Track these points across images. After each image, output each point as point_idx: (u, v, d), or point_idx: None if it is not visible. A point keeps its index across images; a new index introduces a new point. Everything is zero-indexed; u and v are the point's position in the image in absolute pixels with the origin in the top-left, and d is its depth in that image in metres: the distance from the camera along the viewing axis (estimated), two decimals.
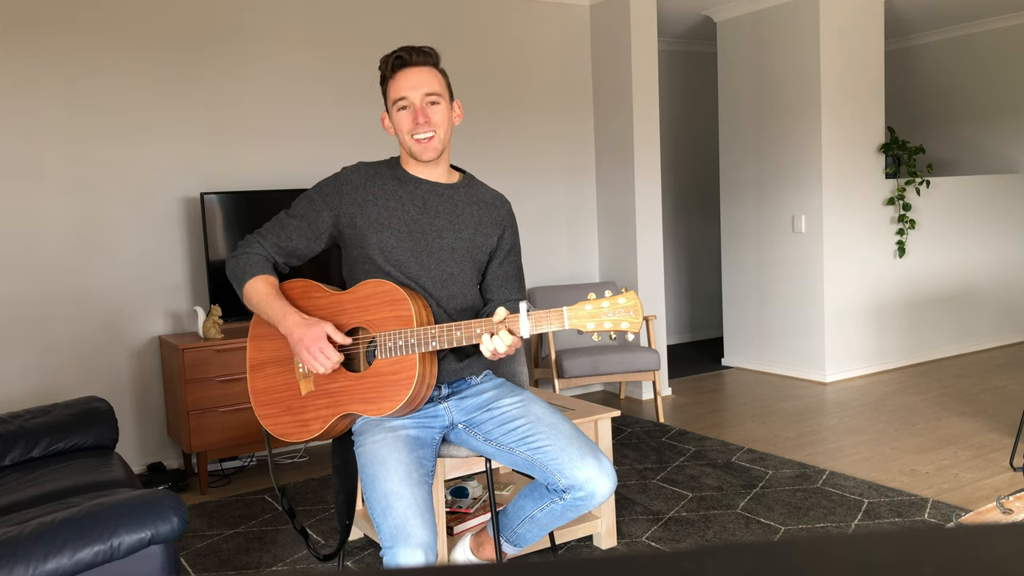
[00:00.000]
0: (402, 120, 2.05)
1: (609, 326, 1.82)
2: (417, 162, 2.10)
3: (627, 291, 1.83)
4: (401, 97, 2.04)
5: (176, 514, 1.88)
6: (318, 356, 1.93)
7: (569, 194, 5.31)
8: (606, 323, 1.82)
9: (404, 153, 2.13)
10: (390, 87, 2.07)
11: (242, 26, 4.21)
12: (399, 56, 2.05)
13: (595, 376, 4.55)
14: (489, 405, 2.12)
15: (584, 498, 1.99)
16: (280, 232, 2.11)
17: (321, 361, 1.94)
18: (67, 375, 3.86)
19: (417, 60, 2.05)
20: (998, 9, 6.21)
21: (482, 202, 2.17)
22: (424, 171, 2.12)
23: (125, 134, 3.96)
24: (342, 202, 2.08)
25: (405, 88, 2.04)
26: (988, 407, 4.62)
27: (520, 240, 5.14)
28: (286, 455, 4.26)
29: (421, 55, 2.06)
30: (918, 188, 5.66)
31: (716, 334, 7.19)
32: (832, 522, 3.09)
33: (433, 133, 2.04)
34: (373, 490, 1.89)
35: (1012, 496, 1.76)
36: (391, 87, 2.06)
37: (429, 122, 2.04)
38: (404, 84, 2.04)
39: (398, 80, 2.05)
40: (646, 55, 5.08)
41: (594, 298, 1.83)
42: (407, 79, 2.04)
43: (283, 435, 2.06)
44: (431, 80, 2.05)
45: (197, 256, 4.12)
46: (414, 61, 2.05)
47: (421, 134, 2.03)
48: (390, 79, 2.06)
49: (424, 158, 2.06)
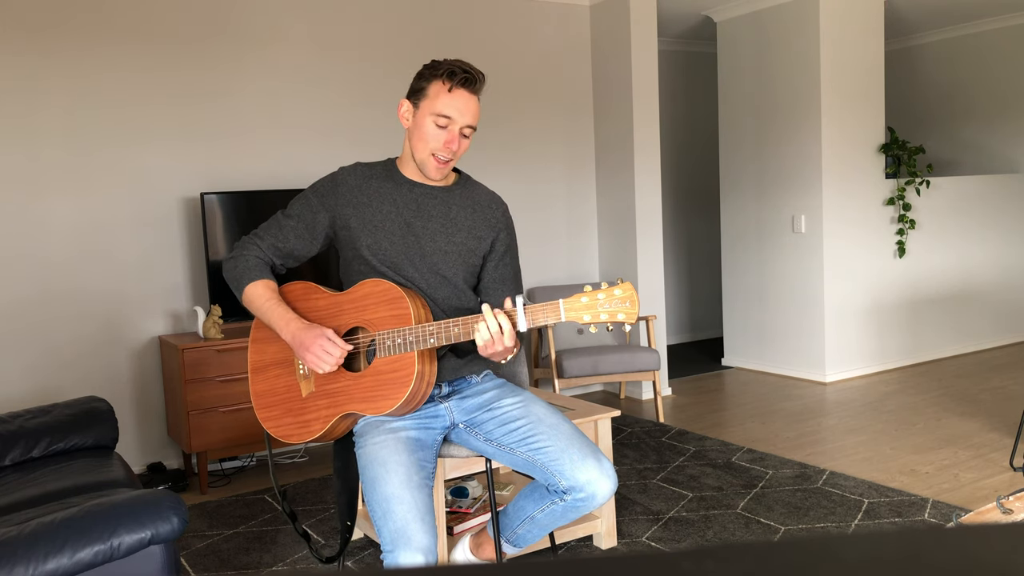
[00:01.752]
0: (434, 135, 2.02)
1: (606, 317, 1.81)
2: (413, 168, 2.10)
3: (623, 282, 1.82)
4: (447, 115, 2.00)
5: (176, 514, 1.88)
6: (320, 354, 1.94)
7: (569, 194, 5.31)
8: (602, 314, 1.81)
9: (406, 155, 2.12)
10: (439, 95, 2.00)
11: (242, 26, 4.21)
12: (466, 72, 2.01)
13: (595, 376, 4.55)
14: (490, 405, 2.11)
15: (585, 499, 1.99)
16: (277, 233, 2.10)
17: (324, 358, 1.94)
18: (67, 375, 3.86)
19: (477, 88, 2.03)
20: (998, 9, 6.21)
21: (477, 204, 2.16)
22: (419, 174, 2.11)
23: (125, 134, 3.96)
24: (337, 203, 2.08)
25: (455, 109, 2.00)
26: (988, 407, 4.62)
27: (518, 242, 5.15)
28: (286, 455, 4.26)
29: (481, 82, 2.04)
30: (918, 188, 5.66)
31: (716, 334, 7.19)
32: (832, 522, 3.09)
33: (451, 160, 2.05)
34: (374, 493, 1.89)
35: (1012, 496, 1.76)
36: (441, 97, 2.00)
37: (457, 152, 2.04)
38: (456, 105, 2.00)
39: (453, 97, 2.00)
40: (646, 55, 5.08)
41: (590, 290, 1.83)
42: (461, 101, 2.01)
43: (285, 436, 2.06)
44: (477, 112, 2.04)
45: (197, 256, 4.12)
46: (476, 88, 2.03)
47: (443, 155, 2.03)
48: (443, 87, 2.00)
49: (431, 175, 2.07)
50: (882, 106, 5.55)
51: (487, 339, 1.87)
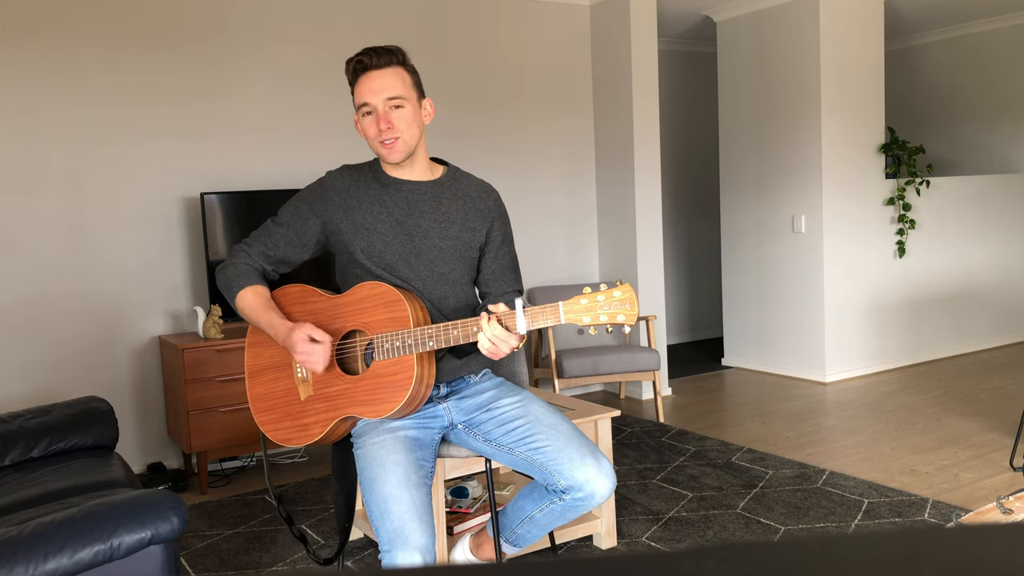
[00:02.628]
0: (368, 126, 2.04)
1: (605, 319, 1.81)
2: (392, 165, 2.09)
3: (622, 284, 1.82)
4: (364, 103, 2.02)
5: (176, 514, 1.88)
6: (306, 358, 1.94)
7: (569, 194, 5.31)
8: (602, 316, 1.81)
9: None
10: (355, 92, 2.04)
11: (243, 26, 4.21)
12: (359, 61, 2.02)
13: (595, 376, 4.55)
14: (488, 405, 2.11)
15: (583, 499, 1.99)
16: (267, 241, 2.10)
17: (311, 355, 1.93)
18: (67, 375, 3.86)
19: (379, 63, 2.01)
20: (998, 9, 6.21)
21: (468, 196, 2.14)
22: (404, 171, 2.10)
23: (125, 134, 3.96)
24: (327, 208, 2.07)
25: (367, 93, 2.01)
26: (988, 407, 4.62)
27: (516, 239, 5.18)
28: (286, 455, 4.26)
29: (383, 56, 2.02)
30: (918, 188, 5.66)
31: (716, 334, 7.19)
32: (832, 522, 3.09)
33: (398, 136, 2.02)
34: (372, 493, 1.89)
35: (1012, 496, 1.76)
36: (355, 92, 2.04)
37: (392, 127, 2.01)
38: (366, 89, 2.01)
39: (361, 85, 2.02)
40: (646, 55, 5.08)
41: (589, 292, 1.83)
42: (369, 84, 2.01)
43: (283, 440, 2.06)
44: (393, 83, 2.01)
45: (197, 256, 4.12)
46: (375, 64, 2.01)
47: (385, 138, 2.02)
48: (354, 84, 2.04)
49: (391, 160, 2.05)
50: (882, 106, 5.55)
51: (489, 347, 1.87)
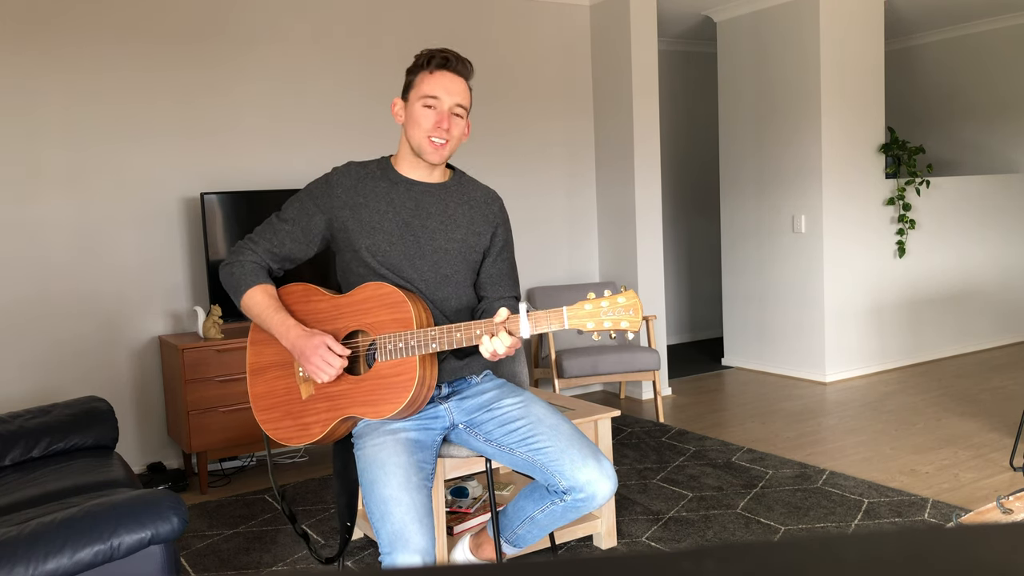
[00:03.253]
0: (424, 117, 2.02)
1: (609, 325, 1.81)
2: (410, 163, 2.08)
3: (626, 290, 1.82)
4: (433, 95, 2.02)
5: (176, 514, 1.88)
6: (321, 364, 1.93)
7: (569, 194, 5.31)
8: (606, 322, 1.81)
9: (402, 150, 2.11)
10: (423, 80, 2.04)
11: (242, 25, 4.21)
12: (445, 56, 2.04)
13: (595, 376, 4.55)
14: (490, 405, 2.11)
15: (584, 500, 1.99)
16: (272, 237, 2.09)
17: (324, 369, 1.93)
18: (67, 375, 3.86)
19: (459, 68, 2.05)
20: (998, 9, 6.21)
21: (473, 200, 2.15)
22: (416, 172, 2.10)
23: (125, 134, 3.96)
24: (333, 205, 2.07)
25: (440, 88, 2.02)
26: (988, 407, 4.62)
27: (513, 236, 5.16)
28: (286, 455, 4.26)
29: (463, 65, 2.06)
30: (918, 188, 5.66)
31: (716, 334, 7.19)
32: (832, 522, 3.09)
33: (447, 141, 2.04)
34: (372, 495, 1.88)
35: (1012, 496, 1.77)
36: (425, 81, 2.03)
37: (449, 130, 2.03)
38: (440, 85, 2.02)
39: (436, 78, 2.03)
40: (646, 55, 5.08)
41: (593, 297, 1.83)
42: (444, 81, 2.03)
43: (284, 439, 2.06)
44: (464, 92, 2.06)
45: (197, 256, 4.12)
46: (457, 68, 2.04)
47: (437, 138, 2.02)
48: (426, 72, 2.03)
49: (430, 160, 2.05)
50: (882, 106, 5.55)
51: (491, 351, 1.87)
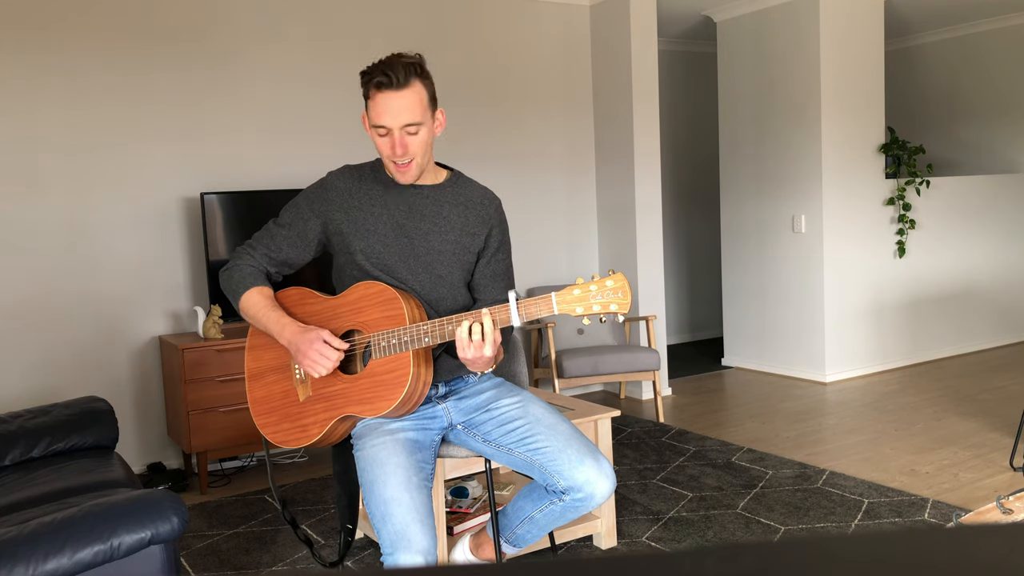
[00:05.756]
0: (381, 145, 1.99)
1: (598, 309, 1.82)
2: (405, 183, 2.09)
3: (614, 273, 1.83)
4: (381, 124, 1.96)
5: (176, 514, 1.88)
6: (316, 359, 1.93)
7: (569, 194, 5.31)
8: (595, 306, 1.82)
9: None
10: (371, 105, 1.97)
11: (242, 25, 4.21)
12: (380, 79, 1.94)
13: (595, 376, 4.55)
14: (488, 405, 2.11)
15: (583, 499, 1.99)
16: (269, 243, 2.11)
17: (320, 362, 1.94)
18: (67, 375, 3.86)
19: (399, 83, 1.94)
20: (998, 9, 6.21)
21: (469, 202, 2.14)
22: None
23: (125, 134, 3.96)
24: (328, 209, 2.07)
25: (384, 115, 1.95)
26: (988, 407, 4.62)
27: (515, 240, 5.17)
28: (286, 456, 4.26)
29: (402, 73, 1.94)
30: (918, 188, 5.66)
31: (716, 334, 7.19)
32: (832, 522, 3.09)
33: (411, 160, 1.99)
34: (372, 495, 1.89)
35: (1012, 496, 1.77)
36: (371, 107, 1.97)
37: (407, 151, 1.97)
38: (383, 110, 1.94)
39: (378, 104, 1.94)
40: (646, 55, 5.08)
41: (582, 282, 1.84)
42: (387, 105, 1.94)
43: (283, 442, 2.06)
44: (412, 105, 1.94)
45: (197, 256, 4.12)
46: (395, 84, 1.94)
47: (398, 160, 1.99)
48: (373, 94, 1.96)
49: (402, 181, 2.03)
50: (882, 106, 5.55)
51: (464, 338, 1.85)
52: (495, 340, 1.87)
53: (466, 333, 1.86)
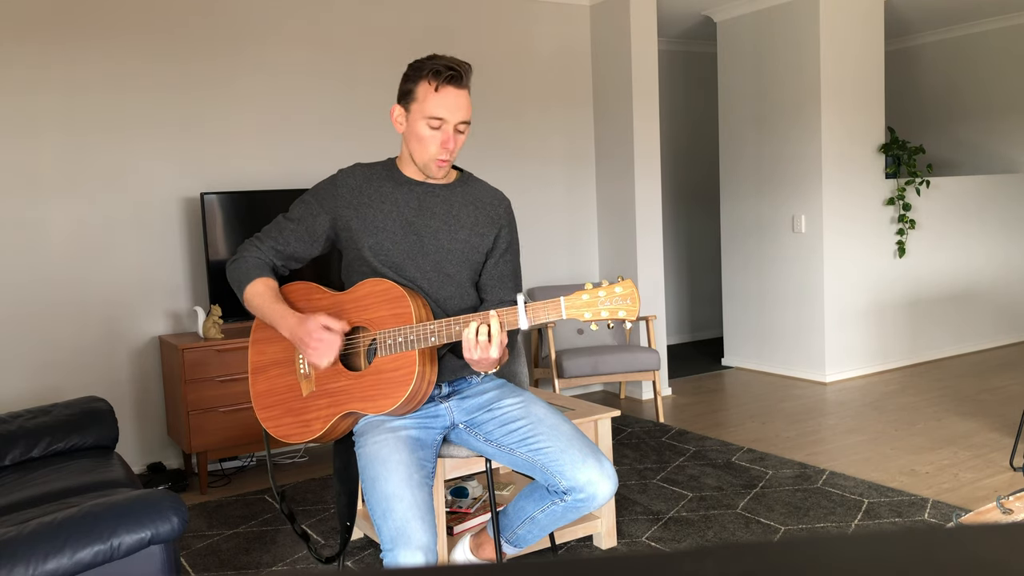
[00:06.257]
0: (430, 140, 1.98)
1: (606, 315, 1.82)
2: (414, 167, 2.09)
3: (623, 280, 1.83)
4: (439, 116, 1.95)
5: (176, 514, 1.88)
6: (318, 346, 1.93)
7: (569, 194, 5.31)
8: (603, 312, 1.82)
9: (405, 156, 2.11)
10: (427, 96, 1.96)
11: (242, 26, 4.21)
12: (452, 71, 1.95)
13: (595, 376, 4.55)
14: (490, 405, 2.11)
15: (585, 500, 1.99)
16: (278, 236, 2.11)
17: (323, 349, 1.93)
18: (67, 375, 3.86)
19: (465, 82, 1.98)
20: (998, 9, 6.21)
21: (479, 201, 2.15)
22: (421, 174, 2.10)
23: (125, 134, 3.96)
24: (337, 205, 2.08)
25: (446, 109, 1.96)
26: (988, 407, 4.62)
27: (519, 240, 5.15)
28: (286, 455, 4.26)
29: (468, 75, 1.98)
30: (918, 188, 5.66)
31: (716, 334, 7.19)
32: (832, 522, 3.09)
33: (450, 158, 2.03)
34: (373, 491, 1.89)
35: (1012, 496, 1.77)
36: (429, 98, 1.96)
37: (454, 151, 2.01)
38: (445, 104, 1.95)
39: (442, 97, 1.95)
40: (646, 55, 5.08)
41: (591, 287, 1.84)
42: (451, 99, 1.96)
43: (285, 436, 2.06)
44: (468, 105, 2.00)
45: (197, 256, 4.12)
46: (462, 80, 1.97)
47: (443, 158, 2.01)
48: (430, 87, 1.95)
49: (435, 176, 2.05)
50: (882, 106, 5.55)
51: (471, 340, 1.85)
52: (502, 342, 1.87)
53: (473, 335, 1.86)
